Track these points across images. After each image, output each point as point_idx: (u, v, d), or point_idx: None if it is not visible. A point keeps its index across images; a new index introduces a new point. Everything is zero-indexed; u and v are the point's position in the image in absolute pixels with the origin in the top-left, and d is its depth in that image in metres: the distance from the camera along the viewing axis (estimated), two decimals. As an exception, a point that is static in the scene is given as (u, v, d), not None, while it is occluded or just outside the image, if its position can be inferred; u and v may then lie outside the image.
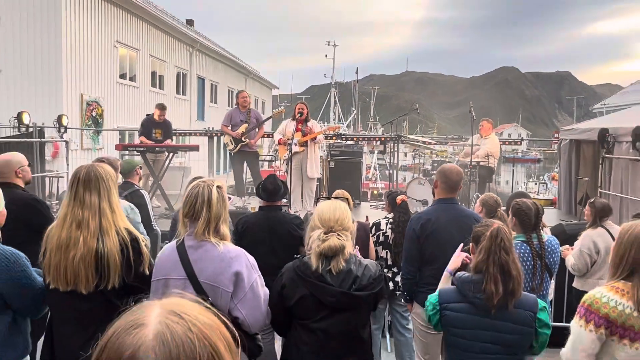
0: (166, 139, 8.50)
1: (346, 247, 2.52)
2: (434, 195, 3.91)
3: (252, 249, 2.62)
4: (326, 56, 37.37)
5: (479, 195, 6.13)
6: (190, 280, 2.40)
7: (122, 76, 16.38)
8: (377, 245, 4.48)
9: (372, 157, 25.11)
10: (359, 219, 4.67)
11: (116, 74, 15.89)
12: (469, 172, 8.31)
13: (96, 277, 2.39)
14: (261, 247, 3.69)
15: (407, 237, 3.76)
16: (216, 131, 10.71)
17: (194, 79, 22.21)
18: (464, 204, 6.51)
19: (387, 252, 4.48)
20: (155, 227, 4.89)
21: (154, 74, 18.67)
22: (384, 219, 4.61)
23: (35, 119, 8.69)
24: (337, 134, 10.89)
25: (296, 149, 7.48)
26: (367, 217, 5.88)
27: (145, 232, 4.22)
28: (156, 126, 8.51)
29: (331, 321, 2.49)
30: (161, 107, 8.64)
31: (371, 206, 9.66)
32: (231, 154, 8.65)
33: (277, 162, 12.63)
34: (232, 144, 8.44)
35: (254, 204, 7.43)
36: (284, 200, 5.94)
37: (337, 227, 2.55)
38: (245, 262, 2.46)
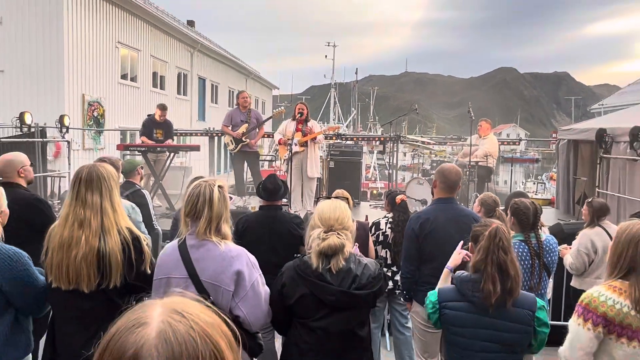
0: (167, 139, 8.50)
1: (346, 246, 2.52)
2: (432, 194, 3.91)
3: (253, 248, 2.62)
4: (326, 57, 37.45)
5: (478, 194, 6.13)
6: (191, 279, 2.40)
7: (124, 76, 16.38)
8: (377, 244, 4.48)
9: (372, 157, 25.13)
10: (358, 218, 4.68)
11: (117, 74, 15.89)
12: (468, 172, 8.31)
13: (98, 276, 2.39)
14: (261, 246, 3.69)
15: (406, 236, 3.76)
16: (217, 131, 10.71)
17: (194, 80, 22.20)
18: (463, 204, 6.52)
19: (386, 251, 4.48)
20: (156, 227, 4.89)
21: (155, 74, 18.66)
22: (383, 218, 4.61)
23: (37, 119, 8.69)
24: (337, 134, 10.89)
25: (296, 149, 7.48)
26: (366, 217, 5.89)
27: (146, 231, 4.23)
28: (157, 126, 8.51)
29: (331, 320, 2.49)
30: (162, 107, 8.64)
31: (370, 206, 9.66)
32: (232, 153, 8.66)
33: (277, 162, 12.64)
34: (233, 144, 8.44)
35: (254, 204, 7.43)
36: (284, 199, 5.95)
37: (337, 226, 2.55)
38: (246, 261, 2.46)
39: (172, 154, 8.24)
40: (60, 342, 2.51)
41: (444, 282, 3.02)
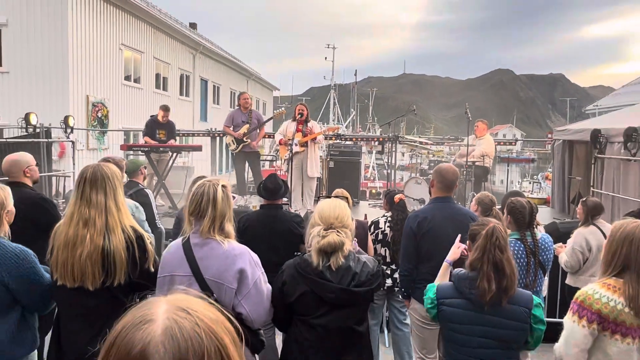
0: (170, 139, 8.51)
1: (345, 244, 2.52)
2: (430, 194, 3.92)
3: (253, 247, 2.62)
4: (326, 59, 37.39)
5: (475, 194, 6.14)
6: (195, 277, 2.40)
7: (127, 78, 16.38)
8: (377, 243, 4.48)
9: (371, 157, 25.12)
10: (357, 217, 4.67)
11: (121, 75, 15.89)
12: (465, 172, 8.32)
13: (103, 273, 2.39)
14: (262, 245, 3.67)
15: (405, 234, 3.76)
16: (218, 132, 10.70)
17: (197, 81, 22.20)
18: (460, 203, 6.53)
19: (385, 249, 4.48)
20: (159, 225, 4.89)
21: (158, 75, 18.66)
22: (382, 217, 4.61)
23: (42, 120, 8.68)
24: (336, 135, 10.90)
25: (297, 149, 7.48)
26: (365, 216, 5.89)
27: (149, 230, 4.23)
28: (160, 127, 8.51)
29: (331, 317, 2.49)
30: (165, 108, 8.64)
31: (369, 205, 9.66)
32: (233, 154, 8.66)
33: (278, 162, 12.63)
34: (234, 144, 8.44)
35: (255, 203, 7.44)
36: (285, 199, 5.94)
37: (337, 224, 2.55)
38: (249, 260, 2.46)
39: (174, 154, 8.24)
40: (65, 339, 2.51)
41: (443, 275, 3.02)
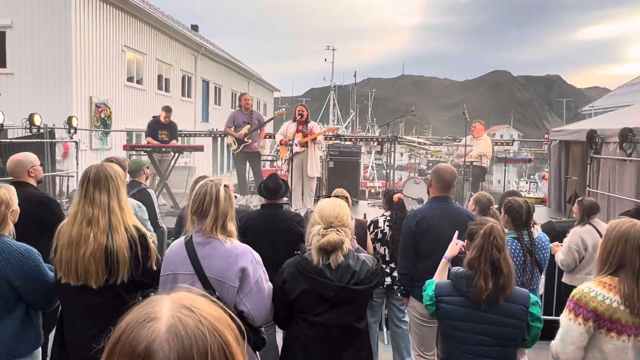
0: (172, 140, 8.51)
1: (345, 242, 2.52)
2: (428, 193, 3.92)
3: (254, 245, 2.62)
4: (325, 60, 37.35)
5: (473, 193, 6.13)
6: (198, 275, 2.40)
7: (130, 79, 16.37)
8: (376, 242, 4.48)
9: (370, 157, 25.09)
10: (357, 216, 4.68)
11: (124, 77, 15.88)
12: (463, 172, 8.32)
13: (106, 272, 2.39)
14: (263, 243, 3.68)
15: (403, 233, 3.76)
16: (220, 132, 10.70)
17: (198, 82, 22.19)
18: (458, 202, 6.52)
19: (385, 248, 4.48)
20: (161, 224, 4.89)
21: (160, 77, 18.65)
22: (381, 216, 4.61)
23: (46, 121, 8.69)
24: (336, 135, 10.90)
25: (297, 149, 7.48)
26: (364, 215, 5.88)
27: (152, 229, 4.23)
28: (162, 127, 8.52)
29: (330, 314, 2.49)
30: (167, 109, 8.64)
31: (369, 204, 9.66)
32: (234, 154, 8.65)
33: (278, 162, 12.63)
34: (235, 145, 8.44)
35: (256, 202, 7.44)
36: (285, 198, 5.94)
37: (337, 223, 2.56)
38: (250, 259, 2.46)
39: (176, 154, 8.24)
40: (68, 336, 2.51)
41: (442, 271, 3.02)
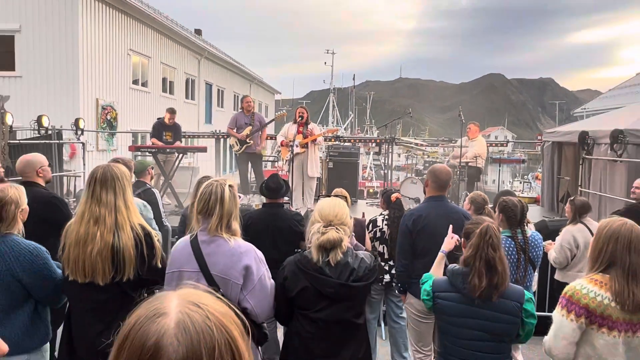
0: (176, 141, 8.51)
1: (344, 240, 2.53)
2: (425, 193, 3.92)
3: (255, 243, 2.62)
4: (325, 63, 37.37)
5: (468, 193, 6.14)
6: (202, 272, 2.40)
7: (135, 82, 16.36)
8: (375, 240, 4.48)
9: (368, 157, 25.11)
10: (356, 215, 4.68)
11: (129, 80, 15.88)
12: (459, 172, 8.32)
13: (112, 269, 2.39)
14: (264, 242, 3.68)
15: (401, 232, 3.77)
16: (222, 133, 10.69)
17: (202, 85, 22.18)
18: (454, 202, 6.52)
19: (383, 246, 4.48)
20: (165, 223, 4.88)
21: (164, 80, 18.65)
22: (380, 215, 4.60)
23: (54, 122, 8.69)
24: (335, 136, 10.89)
25: (297, 150, 7.48)
26: (363, 214, 5.89)
27: (157, 227, 4.23)
28: (167, 129, 8.52)
29: (330, 311, 2.50)
30: (171, 111, 8.65)
31: (367, 204, 9.67)
32: (236, 154, 8.66)
33: (279, 162, 12.63)
34: (238, 146, 8.45)
35: (257, 202, 7.44)
36: (286, 198, 5.94)
37: (336, 222, 2.56)
38: (254, 257, 2.47)
39: (180, 155, 8.24)
40: (76, 332, 2.51)
41: (439, 265, 3.03)
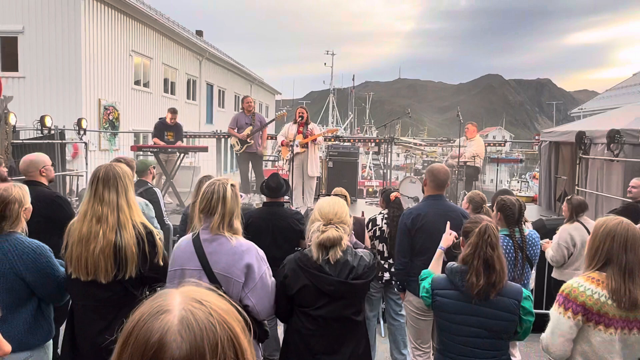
0: (177, 141, 8.52)
1: (343, 239, 2.53)
2: (423, 192, 3.92)
3: (256, 242, 2.62)
4: (325, 64, 37.33)
5: (466, 192, 6.14)
6: (204, 270, 2.40)
7: (137, 82, 16.36)
8: (374, 239, 4.48)
9: (368, 157, 25.07)
10: (355, 214, 4.67)
11: (131, 80, 15.87)
12: (457, 172, 8.32)
13: (115, 267, 2.39)
14: (264, 240, 3.68)
15: (399, 230, 3.77)
16: (223, 133, 10.68)
17: (203, 85, 22.18)
18: (452, 201, 6.53)
19: (383, 245, 4.48)
20: (167, 222, 4.89)
21: (166, 80, 18.64)
22: (379, 214, 4.61)
23: (56, 122, 8.69)
24: (335, 136, 10.89)
25: (297, 149, 7.48)
26: (362, 213, 5.88)
27: (159, 226, 4.23)
28: (168, 129, 8.52)
29: (330, 308, 2.50)
30: (173, 111, 8.65)
31: (366, 203, 9.66)
32: (237, 154, 8.66)
33: (279, 162, 12.64)
34: (238, 145, 8.45)
35: (258, 201, 7.44)
36: (286, 197, 5.94)
37: (336, 220, 2.56)
38: (255, 255, 2.47)
39: (182, 155, 8.24)
40: (78, 329, 2.51)
41: (437, 261, 3.03)
